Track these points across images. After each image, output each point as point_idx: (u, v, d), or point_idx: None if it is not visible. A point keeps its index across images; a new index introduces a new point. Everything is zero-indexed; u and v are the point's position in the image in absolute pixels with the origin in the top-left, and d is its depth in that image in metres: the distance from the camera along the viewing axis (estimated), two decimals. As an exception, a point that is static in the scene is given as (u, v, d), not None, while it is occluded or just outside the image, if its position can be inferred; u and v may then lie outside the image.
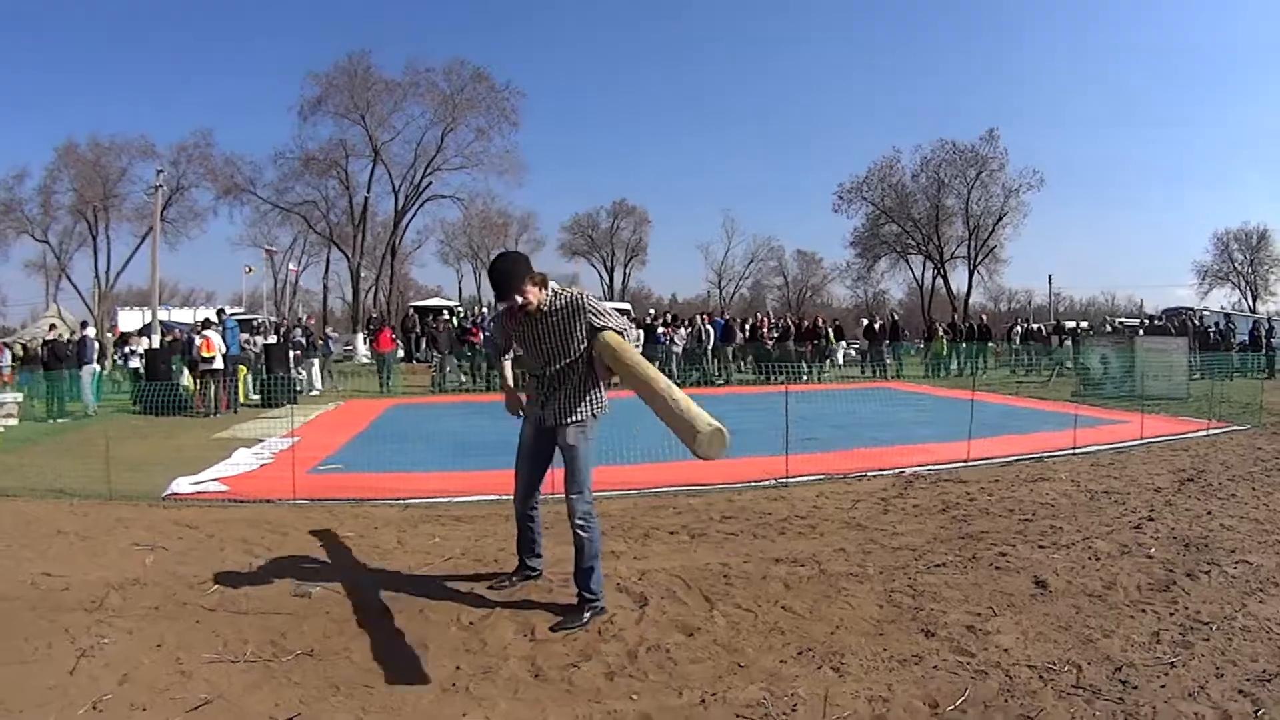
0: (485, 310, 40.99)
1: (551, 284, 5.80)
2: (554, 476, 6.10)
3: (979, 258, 67.08)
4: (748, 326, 32.18)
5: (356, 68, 56.48)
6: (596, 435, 5.92)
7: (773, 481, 10.54)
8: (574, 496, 5.72)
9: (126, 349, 26.03)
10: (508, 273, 5.64)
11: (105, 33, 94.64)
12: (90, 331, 24.75)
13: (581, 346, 5.78)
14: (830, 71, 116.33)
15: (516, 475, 6.20)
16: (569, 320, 5.71)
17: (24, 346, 27.35)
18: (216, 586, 6.55)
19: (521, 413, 6.21)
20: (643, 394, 5.41)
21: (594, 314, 5.72)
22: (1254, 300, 74.81)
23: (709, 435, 4.63)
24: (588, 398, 5.84)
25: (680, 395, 5.39)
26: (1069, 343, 34.40)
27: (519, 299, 5.57)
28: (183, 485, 10.87)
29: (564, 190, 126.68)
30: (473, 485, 10.09)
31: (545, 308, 5.73)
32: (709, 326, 29.99)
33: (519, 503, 6.26)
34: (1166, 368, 22.50)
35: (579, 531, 5.70)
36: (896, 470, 11.22)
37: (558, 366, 5.80)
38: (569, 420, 5.82)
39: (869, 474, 11.04)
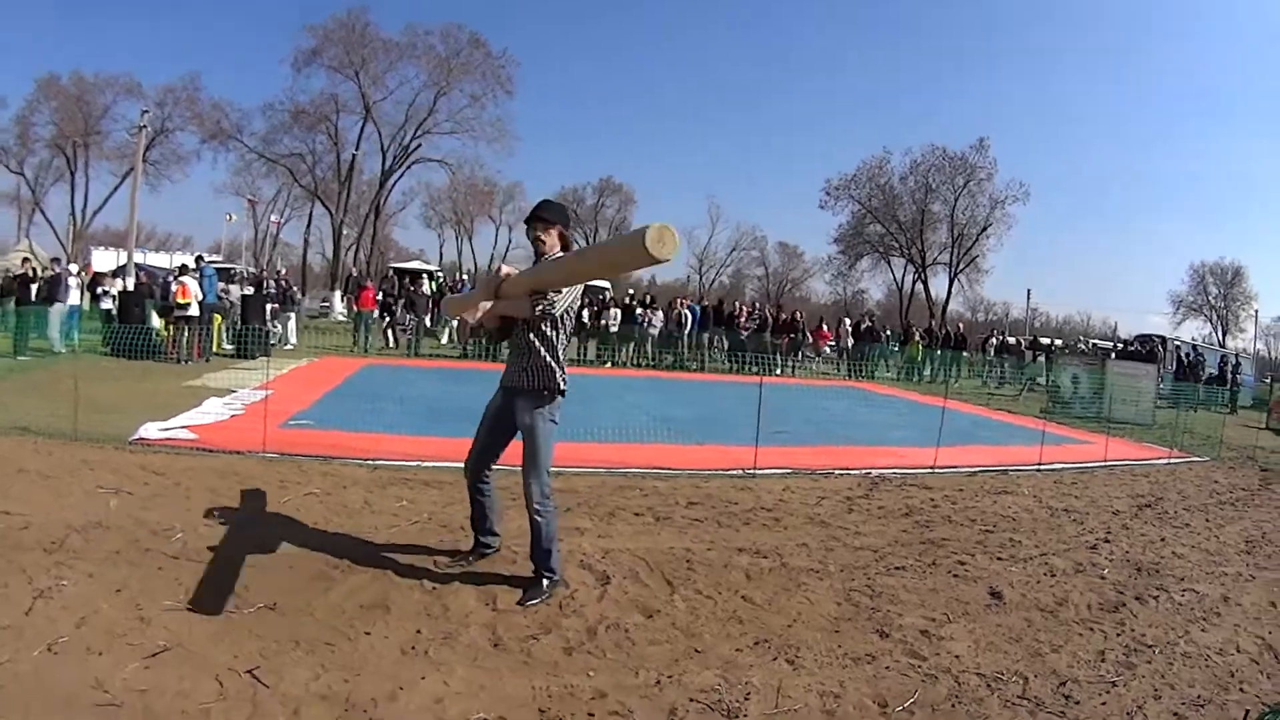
0: (464, 278, 40.96)
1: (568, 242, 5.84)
2: (515, 448, 6.04)
3: (960, 266, 67.29)
4: (725, 314, 32.15)
5: (354, 23, 56.25)
6: (558, 416, 5.84)
7: (741, 471, 10.59)
8: (530, 480, 5.66)
9: (99, 289, 25.77)
10: (548, 211, 5.82)
11: None
12: (73, 268, 24.61)
13: (540, 312, 5.60)
14: (826, 66, 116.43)
15: (475, 437, 6.14)
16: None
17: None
18: (181, 534, 6.52)
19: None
20: (577, 272, 5.36)
21: (575, 293, 5.69)
22: (1224, 335, 75.62)
23: (656, 230, 4.58)
24: (540, 375, 5.69)
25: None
26: (1042, 359, 34.56)
27: (533, 233, 5.62)
28: (151, 430, 10.81)
29: (552, 163, 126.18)
30: (443, 451, 10.06)
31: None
32: (687, 311, 29.94)
33: (469, 470, 6.19)
34: (1135, 393, 22.73)
35: (535, 516, 5.68)
36: (864, 471, 11.29)
37: (520, 332, 5.74)
38: (524, 393, 5.73)
39: (836, 472, 11.10)
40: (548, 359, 5.65)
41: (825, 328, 34.81)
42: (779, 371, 28.62)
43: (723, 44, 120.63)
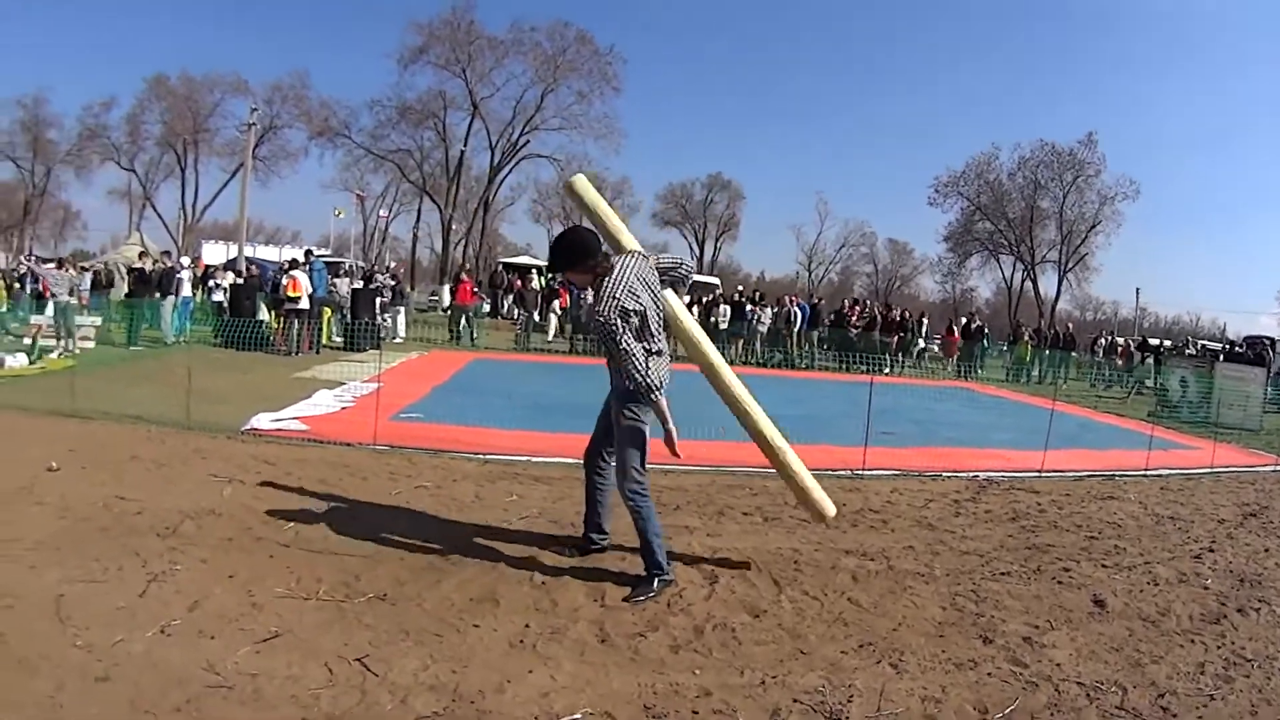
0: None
1: (612, 260, 5.84)
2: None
3: (1069, 264, 66.36)
4: (834, 311, 31.97)
5: (460, 20, 57.28)
6: (645, 417, 5.87)
7: (849, 472, 10.59)
8: (618, 475, 5.89)
9: (210, 283, 26.25)
10: (567, 251, 5.87)
11: None
12: (185, 261, 25.10)
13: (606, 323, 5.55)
14: (934, 65, 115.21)
15: (594, 429, 6.29)
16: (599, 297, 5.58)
17: (101, 270, 27.49)
18: (292, 524, 6.72)
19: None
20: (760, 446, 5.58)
21: (610, 294, 5.53)
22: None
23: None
24: (628, 375, 5.67)
25: (795, 461, 5.60)
26: (1150, 360, 34.02)
27: (561, 277, 5.68)
28: (263, 421, 11.11)
29: (659, 156, 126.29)
30: (552, 446, 10.20)
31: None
32: (796, 309, 29.78)
33: (586, 456, 6.36)
34: (1243, 397, 22.15)
35: (629, 510, 5.80)
36: (971, 474, 11.21)
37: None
38: (613, 394, 5.90)
39: (943, 474, 11.05)
40: (623, 356, 5.62)
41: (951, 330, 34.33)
42: (887, 371, 28.27)
43: (830, 41, 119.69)
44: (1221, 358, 30.33)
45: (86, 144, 61.35)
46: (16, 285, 26.85)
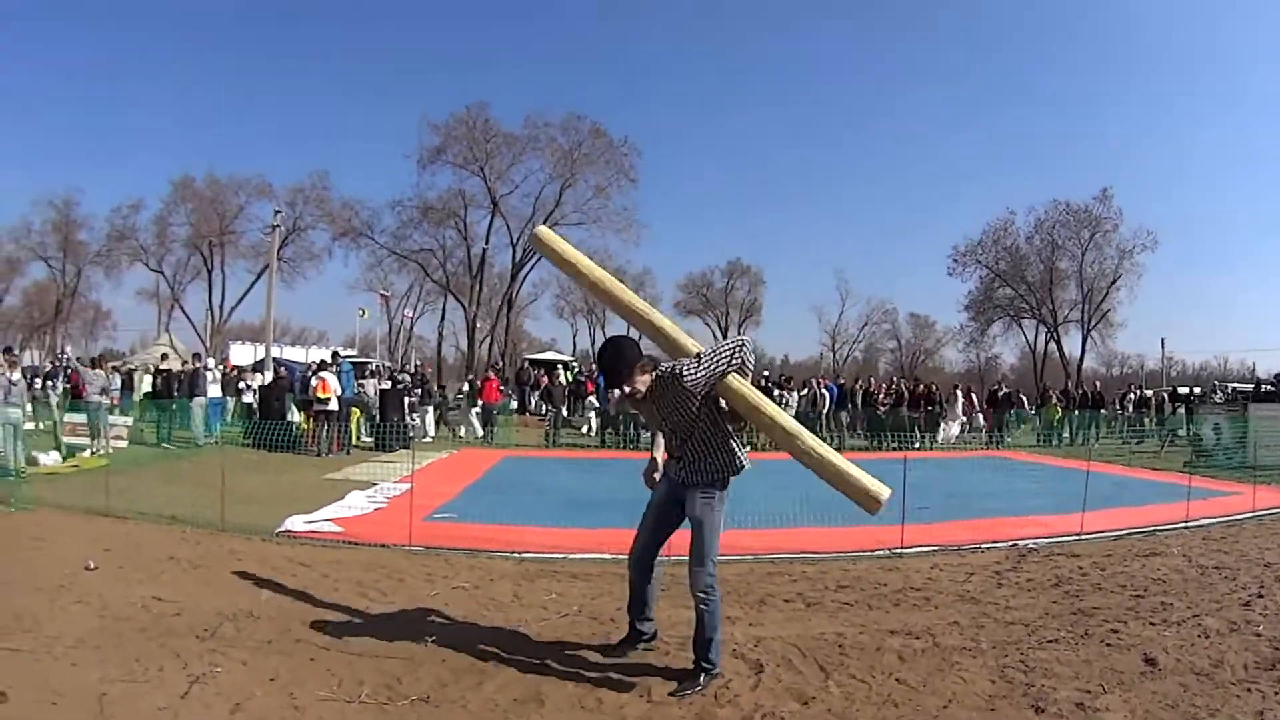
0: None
1: (659, 364, 5.82)
2: (677, 537, 6.16)
3: (1093, 322, 66.16)
4: (860, 390, 31.94)
5: (475, 119, 57.51)
6: (725, 507, 5.91)
7: (887, 551, 10.56)
8: (696, 569, 5.74)
9: (240, 384, 26.50)
10: (612, 364, 5.72)
11: (222, 75, 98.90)
12: (210, 363, 25.42)
13: (697, 412, 5.68)
14: (943, 133, 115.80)
15: (639, 530, 6.21)
16: (673, 393, 5.63)
17: (129, 373, 27.91)
18: (331, 626, 6.73)
19: (657, 475, 6.19)
20: (789, 449, 5.54)
21: (689, 372, 5.54)
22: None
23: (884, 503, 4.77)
24: (716, 464, 5.78)
25: (832, 455, 5.52)
26: (1181, 410, 33.86)
27: (627, 389, 5.65)
28: (297, 523, 11.23)
29: (678, 245, 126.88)
30: (588, 543, 10.22)
31: (655, 388, 5.75)
32: (824, 391, 29.74)
33: (634, 560, 6.23)
34: (1278, 436, 22.02)
35: (700, 605, 5.74)
36: (1010, 542, 11.15)
37: (684, 437, 5.78)
38: (696, 486, 5.83)
39: (983, 546, 11.00)
40: (723, 450, 5.76)
41: (972, 396, 34.19)
42: (918, 445, 28.03)
43: (840, 121, 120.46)
44: (1252, 398, 30.14)
45: (116, 245, 61.70)
46: (38, 383, 26.91)
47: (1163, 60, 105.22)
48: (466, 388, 31.55)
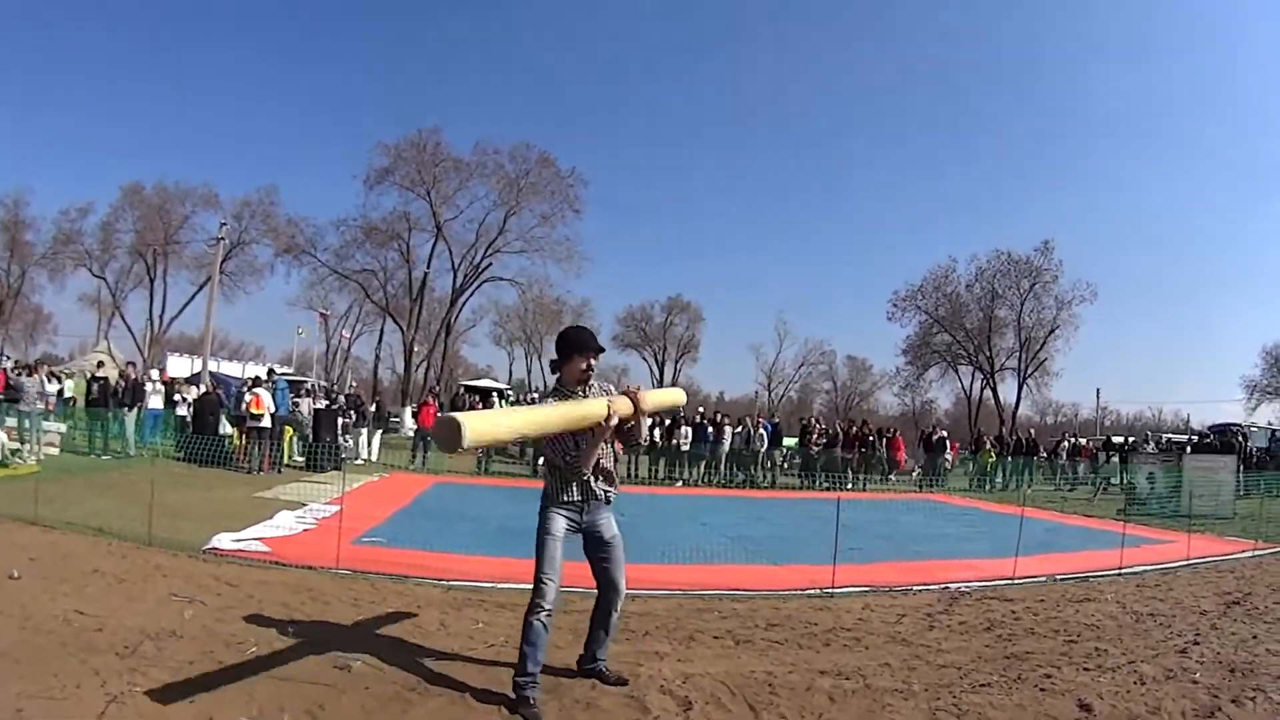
0: (534, 396, 41.28)
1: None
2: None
3: (1029, 370, 66.94)
4: (796, 429, 32.09)
5: (426, 142, 58.14)
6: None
7: (818, 591, 10.44)
8: (622, 584, 6.19)
9: (176, 396, 26.29)
10: (593, 336, 6.04)
11: (176, 83, 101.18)
12: (155, 374, 25.35)
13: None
14: (888, 179, 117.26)
15: (553, 570, 6.23)
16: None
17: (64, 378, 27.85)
18: (255, 649, 6.59)
19: None
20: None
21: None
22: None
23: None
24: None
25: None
26: (1115, 459, 34.20)
27: (593, 361, 5.75)
28: (224, 541, 11.09)
29: (619, 280, 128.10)
30: (516, 572, 9.94)
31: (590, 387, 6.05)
32: (761, 430, 29.81)
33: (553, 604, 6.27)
34: (1214, 486, 22.52)
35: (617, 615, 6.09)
36: (943, 585, 11.13)
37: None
38: (606, 509, 6.29)
39: (915, 588, 10.95)
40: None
41: (900, 439, 34.34)
42: (850, 486, 28.28)
43: (785, 163, 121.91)
44: (1189, 449, 30.56)
45: (61, 248, 61.67)
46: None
47: (1105, 117, 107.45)
48: (374, 409, 31.42)
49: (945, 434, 35.02)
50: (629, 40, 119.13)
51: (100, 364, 27.75)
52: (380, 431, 29.58)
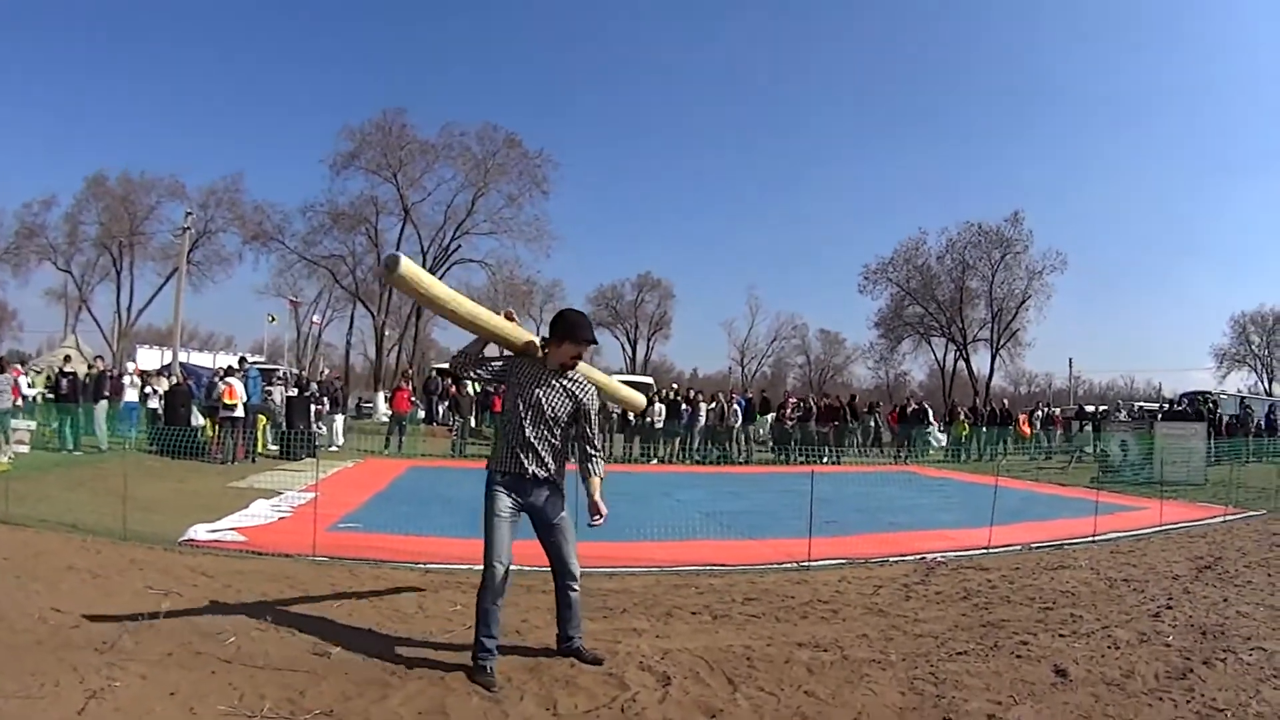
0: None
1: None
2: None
3: (1001, 340, 67.02)
4: (769, 405, 32.10)
5: (391, 125, 57.95)
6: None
7: (795, 564, 10.50)
8: (576, 566, 6.28)
9: (146, 389, 26.11)
10: (590, 326, 6.14)
11: (140, 71, 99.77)
12: (130, 367, 25.18)
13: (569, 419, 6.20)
14: (858, 153, 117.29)
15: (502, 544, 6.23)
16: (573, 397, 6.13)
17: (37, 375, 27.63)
18: (233, 638, 6.54)
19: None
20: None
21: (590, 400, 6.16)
22: (1270, 383, 75.10)
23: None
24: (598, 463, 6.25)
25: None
26: (1089, 428, 34.35)
27: (582, 350, 5.79)
28: (199, 532, 11.00)
29: (589, 259, 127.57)
30: (491, 554, 10.07)
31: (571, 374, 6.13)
32: (736, 406, 29.73)
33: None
34: (1185, 453, 22.77)
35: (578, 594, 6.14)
36: (918, 556, 11.19)
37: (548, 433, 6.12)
38: (558, 495, 6.29)
39: (891, 559, 11.02)
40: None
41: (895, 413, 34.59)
42: (825, 460, 28.20)
43: (755, 136, 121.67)
44: (1160, 417, 30.71)
45: (24, 242, 60.79)
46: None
47: (1074, 91, 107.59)
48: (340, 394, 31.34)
49: (929, 406, 35.15)
50: (595, 19, 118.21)
51: (67, 358, 27.59)
52: (342, 416, 29.40)
